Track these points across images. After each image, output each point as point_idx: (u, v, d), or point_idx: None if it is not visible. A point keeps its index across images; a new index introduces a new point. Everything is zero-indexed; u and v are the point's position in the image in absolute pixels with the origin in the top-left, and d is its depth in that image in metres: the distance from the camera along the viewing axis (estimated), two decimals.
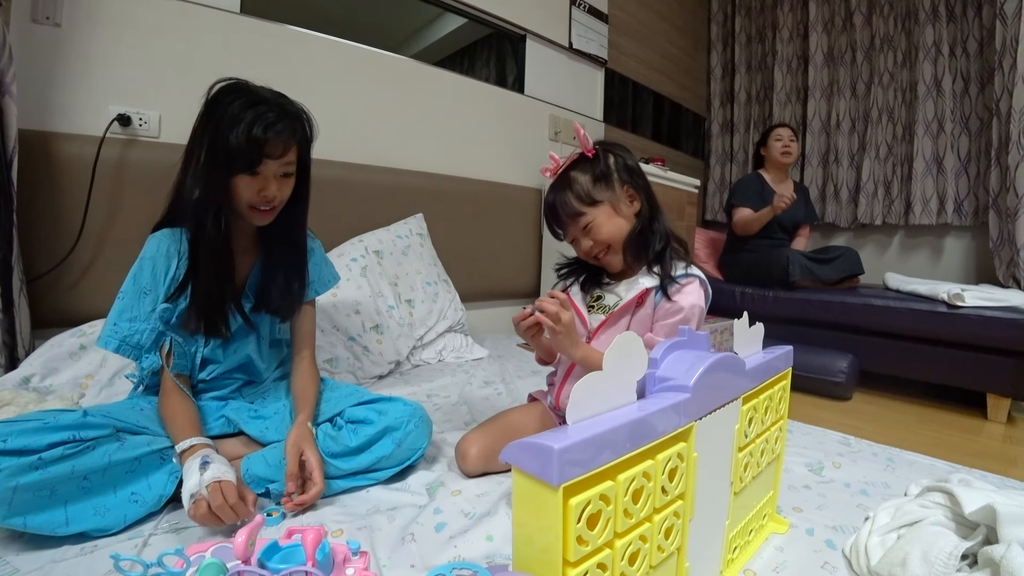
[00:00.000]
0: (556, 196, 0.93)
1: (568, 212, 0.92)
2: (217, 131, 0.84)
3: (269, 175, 0.88)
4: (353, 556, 0.60)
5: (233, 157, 0.84)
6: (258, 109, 0.84)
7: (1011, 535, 0.57)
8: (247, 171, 0.86)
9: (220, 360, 0.98)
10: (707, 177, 3.76)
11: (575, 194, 0.91)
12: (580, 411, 0.46)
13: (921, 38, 2.69)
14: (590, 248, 0.94)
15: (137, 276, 0.91)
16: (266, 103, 0.86)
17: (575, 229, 0.93)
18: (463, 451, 0.95)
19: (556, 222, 0.95)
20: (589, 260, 0.97)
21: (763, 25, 3.41)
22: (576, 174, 0.93)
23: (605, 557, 0.45)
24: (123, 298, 0.90)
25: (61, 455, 0.69)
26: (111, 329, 0.89)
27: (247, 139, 0.83)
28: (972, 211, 2.64)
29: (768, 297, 2.40)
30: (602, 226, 0.92)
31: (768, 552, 0.74)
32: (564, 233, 0.96)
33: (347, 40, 1.78)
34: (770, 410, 0.73)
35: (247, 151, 0.83)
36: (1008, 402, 1.88)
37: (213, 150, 0.84)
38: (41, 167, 1.21)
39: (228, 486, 0.73)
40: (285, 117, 0.87)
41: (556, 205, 0.93)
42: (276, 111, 0.86)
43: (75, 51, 1.27)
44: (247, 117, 0.83)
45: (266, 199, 0.89)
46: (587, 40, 2.64)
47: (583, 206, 0.91)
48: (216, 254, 0.89)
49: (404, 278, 1.72)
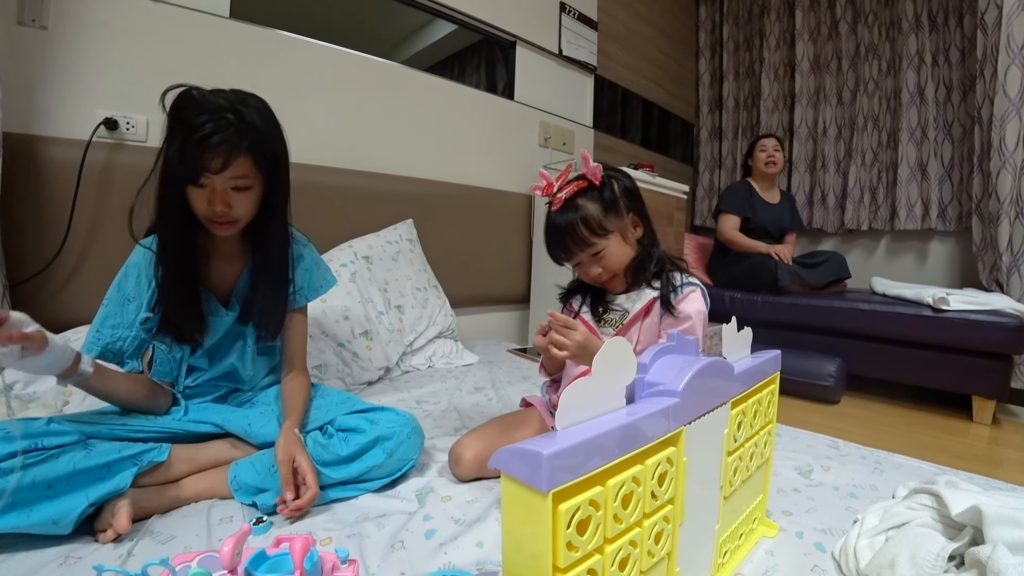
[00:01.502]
0: (565, 224, 0.91)
1: (577, 241, 0.91)
2: (167, 142, 0.82)
3: (217, 188, 0.84)
4: (342, 564, 0.60)
5: (176, 170, 0.82)
6: (198, 120, 0.80)
7: (997, 536, 0.58)
8: (192, 183, 0.83)
9: (205, 368, 0.97)
10: (696, 183, 3.79)
11: (587, 225, 0.91)
12: (569, 416, 0.45)
13: (905, 47, 2.74)
14: (598, 275, 0.95)
15: (122, 283, 0.90)
16: (209, 113, 0.80)
17: (584, 256, 0.93)
18: (457, 455, 0.94)
19: (562, 249, 0.94)
20: (591, 282, 0.98)
21: (751, 33, 3.46)
22: (585, 203, 0.91)
23: (595, 563, 0.45)
24: (107, 305, 0.90)
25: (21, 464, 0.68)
26: (94, 336, 0.88)
27: (181, 153, 0.80)
28: (956, 216, 2.68)
29: (757, 302, 2.42)
30: (613, 255, 0.94)
31: (758, 556, 0.74)
32: (569, 259, 0.95)
33: (337, 45, 1.78)
34: (759, 414, 0.73)
35: (185, 165, 0.81)
36: (993, 404, 1.91)
37: (164, 162, 0.83)
38: (26, 171, 1.19)
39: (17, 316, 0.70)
40: (227, 128, 0.81)
41: (565, 233, 0.92)
42: (217, 123, 0.80)
43: (61, 54, 1.26)
44: (185, 129, 0.80)
45: (215, 213, 0.85)
46: (577, 47, 2.66)
47: (595, 237, 0.91)
48: (176, 263, 0.88)
49: (394, 284, 1.71)
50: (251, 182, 0.87)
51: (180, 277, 0.89)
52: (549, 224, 0.94)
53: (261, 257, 0.97)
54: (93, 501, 0.72)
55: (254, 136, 0.84)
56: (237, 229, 0.90)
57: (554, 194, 0.93)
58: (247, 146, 0.83)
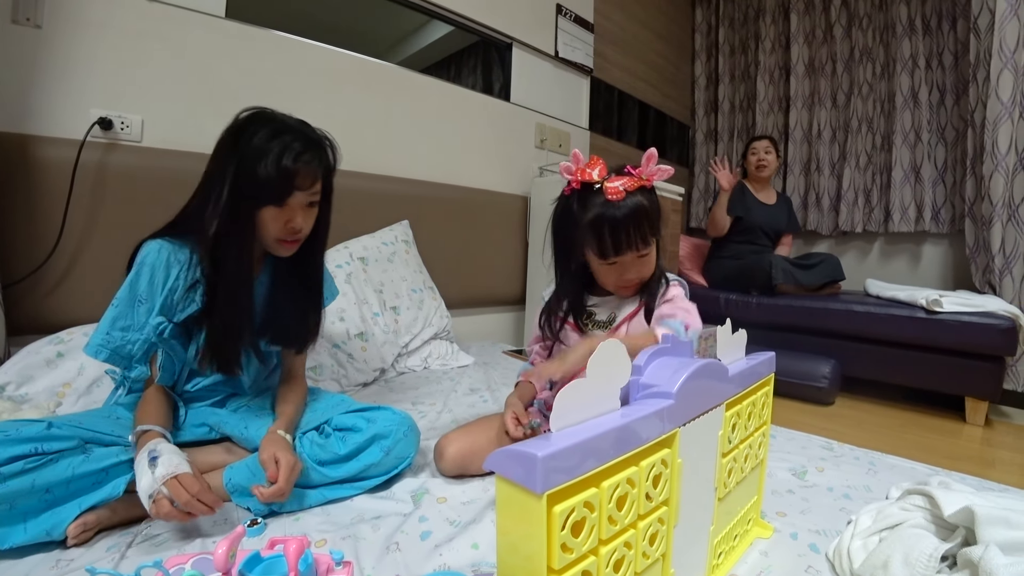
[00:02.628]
0: (631, 214, 0.86)
1: (639, 236, 0.88)
2: (243, 162, 0.82)
3: (296, 206, 0.87)
4: (337, 566, 0.59)
5: (262, 189, 0.83)
6: (284, 139, 0.83)
7: (989, 536, 0.58)
8: (276, 203, 0.84)
9: (206, 374, 0.96)
10: (691, 185, 3.81)
11: (650, 224, 0.89)
12: (564, 418, 0.46)
13: (898, 51, 2.76)
14: (629, 280, 0.93)
15: (134, 284, 0.87)
16: (292, 132, 0.85)
17: (631, 256, 0.90)
18: (440, 449, 0.96)
19: (624, 239, 0.88)
20: (614, 287, 0.96)
21: (746, 36, 3.47)
22: (644, 202, 0.88)
23: (590, 564, 0.45)
24: (117, 305, 0.86)
25: (21, 469, 0.67)
26: (103, 338, 0.85)
27: (277, 170, 0.82)
28: (949, 219, 2.70)
29: (751, 303, 2.43)
30: (651, 263, 0.94)
31: (753, 557, 0.74)
32: (619, 252, 0.89)
33: (333, 46, 1.78)
34: (753, 416, 0.74)
35: (277, 183, 0.82)
36: (986, 405, 1.92)
37: (238, 182, 0.83)
38: (19, 171, 1.18)
39: (186, 478, 0.70)
40: (312, 146, 0.86)
41: (629, 224, 0.87)
42: (303, 140, 0.85)
43: (56, 53, 1.26)
44: (275, 148, 0.82)
45: (293, 231, 0.87)
46: (573, 49, 2.66)
47: (651, 237, 0.91)
48: (237, 292, 0.87)
49: (389, 285, 1.71)
50: (319, 198, 0.91)
51: (236, 306, 0.88)
52: (604, 213, 0.86)
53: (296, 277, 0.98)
54: (85, 509, 0.72)
55: (325, 153, 0.90)
56: (297, 247, 0.92)
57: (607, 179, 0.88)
58: (325, 163, 0.89)
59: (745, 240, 2.60)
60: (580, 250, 0.93)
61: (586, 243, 0.90)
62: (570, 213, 0.92)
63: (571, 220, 0.91)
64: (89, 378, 1.12)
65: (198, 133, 1.43)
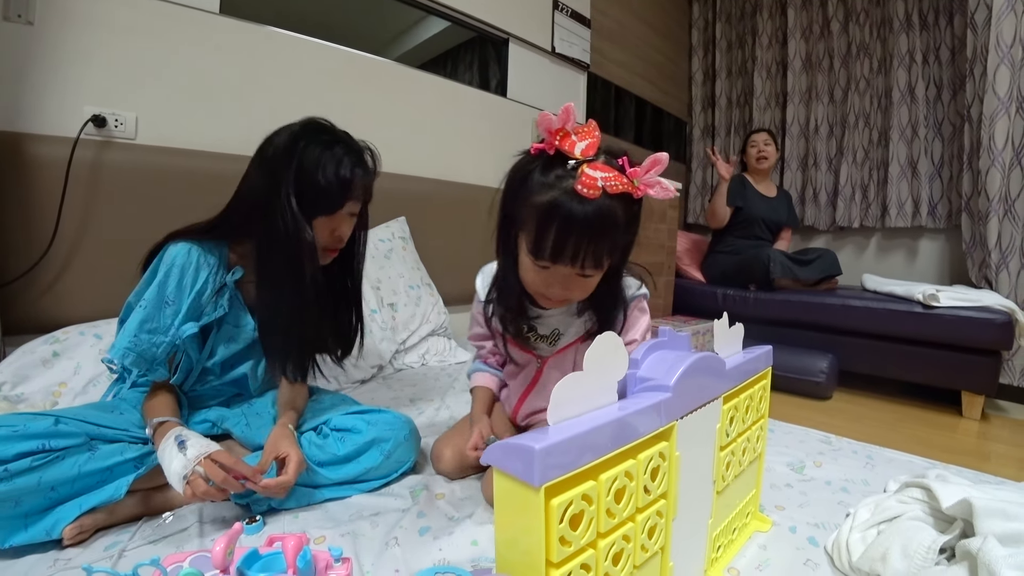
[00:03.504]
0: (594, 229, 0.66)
1: (591, 259, 0.69)
2: (302, 171, 0.82)
3: (344, 215, 0.88)
4: (335, 563, 0.59)
5: (319, 198, 0.83)
6: (339, 149, 0.85)
7: (987, 528, 0.58)
8: (329, 212, 0.85)
9: (217, 373, 0.95)
10: (689, 181, 3.81)
11: (611, 243, 0.70)
12: (561, 411, 0.45)
13: (896, 46, 2.76)
14: (555, 295, 0.75)
15: (163, 285, 0.84)
16: (344, 143, 0.87)
17: (569, 270, 0.71)
18: (438, 452, 0.95)
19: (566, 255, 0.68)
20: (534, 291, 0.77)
21: (743, 31, 3.47)
22: (618, 213, 0.68)
23: (588, 557, 0.45)
24: (145, 307, 0.84)
25: (28, 466, 0.67)
26: (131, 340, 0.82)
27: (337, 180, 0.83)
28: (945, 214, 2.71)
29: (749, 298, 2.43)
30: (589, 289, 0.76)
31: (752, 550, 0.75)
32: (563, 260, 0.69)
33: (329, 42, 1.77)
34: (751, 409, 0.74)
35: (335, 192, 0.83)
36: (982, 399, 1.93)
37: (297, 190, 0.83)
38: (12, 169, 1.17)
39: (220, 455, 0.72)
40: (363, 157, 0.88)
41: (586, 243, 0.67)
42: (356, 151, 0.87)
43: (48, 50, 1.24)
44: (333, 158, 0.83)
45: (340, 239, 0.89)
46: (570, 44, 2.65)
47: (604, 261, 0.71)
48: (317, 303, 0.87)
49: (387, 282, 1.71)
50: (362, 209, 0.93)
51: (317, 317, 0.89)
52: (561, 203, 0.65)
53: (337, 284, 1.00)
54: (85, 511, 0.72)
55: (373, 163, 0.92)
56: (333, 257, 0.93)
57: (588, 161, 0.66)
58: (373, 173, 0.91)
59: (745, 234, 2.61)
60: (516, 231, 0.74)
61: (525, 226, 0.71)
62: (525, 179, 0.70)
63: (523, 187, 0.70)
64: (85, 377, 1.11)
65: (193, 130, 1.42)
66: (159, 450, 0.74)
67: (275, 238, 0.83)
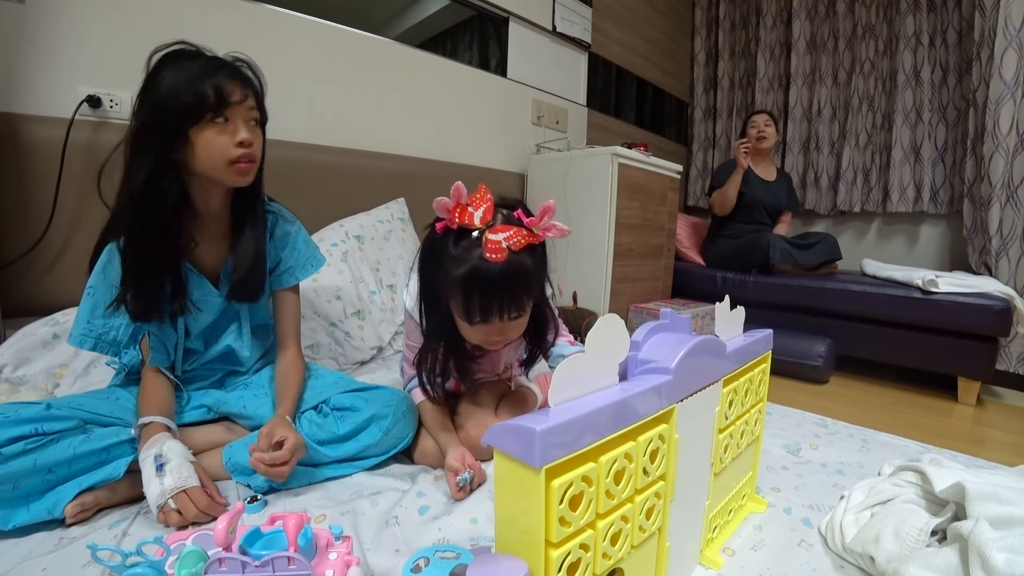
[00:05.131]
0: (513, 284, 0.75)
1: (516, 307, 0.78)
2: (162, 91, 0.77)
3: (238, 121, 0.81)
4: (336, 541, 0.60)
5: (190, 107, 0.77)
6: (202, 58, 0.81)
7: (979, 511, 0.59)
8: (214, 117, 0.79)
9: (201, 350, 0.96)
10: (690, 163, 3.78)
11: (528, 289, 0.78)
12: (562, 393, 0.46)
13: (902, 27, 2.72)
14: (496, 342, 0.83)
15: (106, 269, 0.85)
16: (204, 55, 0.82)
17: (504, 322, 0.79)
18: (423, 450, 0.94)
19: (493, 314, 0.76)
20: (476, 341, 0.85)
21: (747, 11, 3.41)
22: (528, 263, 0.76)
23: (587, 537, 0.45)
24: (92, 294, 0.85)
25: (23, 449, 0.68)
26: (85, 327, 0.85)
27: (201, 84, 0.77)
28: (947, 199, 2.69)
29: (749, 282, 2.43)
30: (523, 326, 0.84)
31: (747, 531, 0.76)
32: (486, 321, 0.77)
33: (327, 20, 1.74)
34: (750, 392, 0.74)
35: (205, 95, 0.77)
36: (978, 385, 1.94)
37: (153, 110, 0.77)
38: (7, 151, 1.16)
39: (195, 492, 0.71)
40: (229, 63, 0.83)
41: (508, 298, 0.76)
42: (219, 58, 0.82)
43: (40, 29, 1.22)
44: (195, 67, 0.78)
45: (243, 145, 0.81)
46: (571, 23, 2.61)
47: (527, 304, 0.80)
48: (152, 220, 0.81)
49: (386, 263, 1.70)
50: (259, 116, 0.86)
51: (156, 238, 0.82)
52: (478, 272, 0.73)
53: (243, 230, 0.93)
54: (85, 488, 0.72)
55: (253, 72, 0.86)
56: (253, 176, 0.87)
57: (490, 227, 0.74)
58: (252, 80, 0.84)
59: (745, 218, 2.60)
60: (445, 300, 0.81)
61: (451, 297, 0.78)
62: (441, 255, 0.77)
63: (440, 264, 0.77)
64: (86, 359, 1.11)
65: None
66: (141, 459, 0.74)
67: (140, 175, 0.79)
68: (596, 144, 2.46)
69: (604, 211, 2.12)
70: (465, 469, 0.82)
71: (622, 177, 2.13)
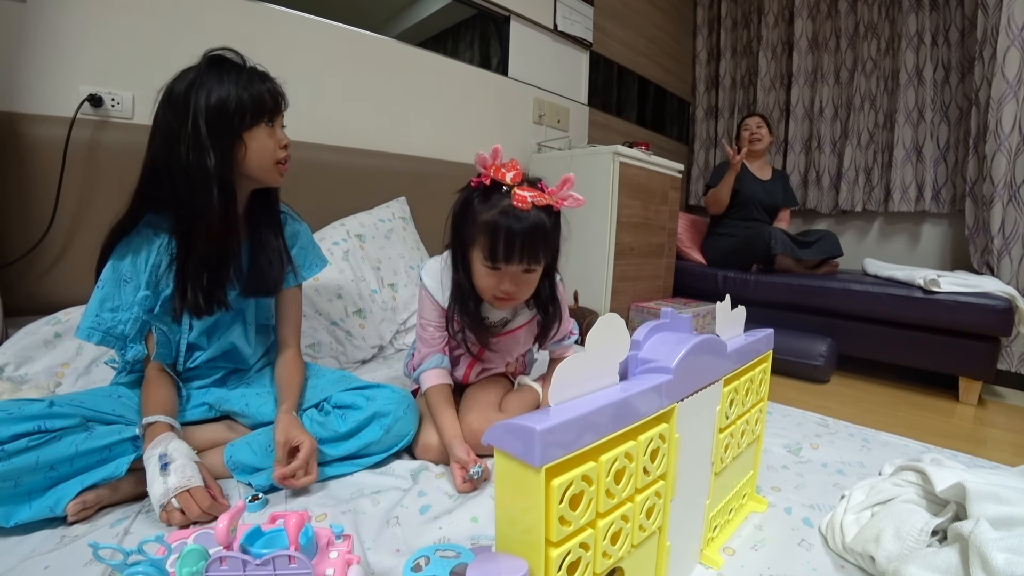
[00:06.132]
0: (533, 228, 0.83)
1: (533, 252, 0.86)
2: (212, 101, 0.81)
3: (279, 124, 0.90)
4: (337, 540, 0.60)
5: (253, 108, 0.84)
6: (248, 67, 0.87)
7: (979, 511, 0.59)
8: (268, 121, 0.87)
9: (205, 347, 0.96)
10: (691, 162, 3.78)
11: (546, 242, 0.87)
12: (562, 392, 0.46)
13: (904, 26, 2.71)
14: (508, 292, 0.89)
15: (116, 264, 0.86)
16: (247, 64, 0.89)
17: (518, 268, 0.87)
18: (426, 444, 0.95)
19: (519, 250, 0.84)
20: (490, 295, 0.92)
21: (749, 10, 3.41)
22: (546, 221, 0.85)
23: (587, 537, 0.45)
24: (103, 287, 0.86)
25: (25, 446, 0.68)
26: (93, 320, 0.85)
27: (261, 88, 0.85)
28: (949, 199, 2.69)
29: (750, 281, 2.43)
30: (533, 284, 0.93)
31: (747, 530, 0.76)
32: (510, 261, 0.85)
33: (328, 19, 1.74)
34: (751, 392, 0.74)
35: (266, 100, 0.85)
36: (979, 385, 1.94)
37: (220, 112, 0.82)
38: (9, 150, 1.16)
39: (198, 492, 0.72)
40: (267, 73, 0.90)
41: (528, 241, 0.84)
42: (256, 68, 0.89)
43: (42, 28, 1.22)
44: (245, 74, 0.85)
45: (286, 147, 0.90)
46: (572, 22, 2.61)
47: (542, 259, 0.88)
48: (223, 230, 0.86)
49: (387, 262, 1.70)
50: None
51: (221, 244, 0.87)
52: (505, 217, 0.83)
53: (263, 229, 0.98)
54: (87, 486, 0.73)
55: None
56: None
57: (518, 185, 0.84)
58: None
59: (741, 216, 2.61)
60: (468, 246, 0.90)
61: (477, 242, 0.87)
62: (470, 206, 0.87)
63: (470, 214, 0.87)
64: (88, 358, 1.12)
65: None
66: (145, 458, 0.75)
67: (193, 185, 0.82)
68: (597, 143, 2.46)
69: (605, 210, 2.12)
70: (475, 463, 0.83)
71: (623, 176, 2.13)
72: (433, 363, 1.00)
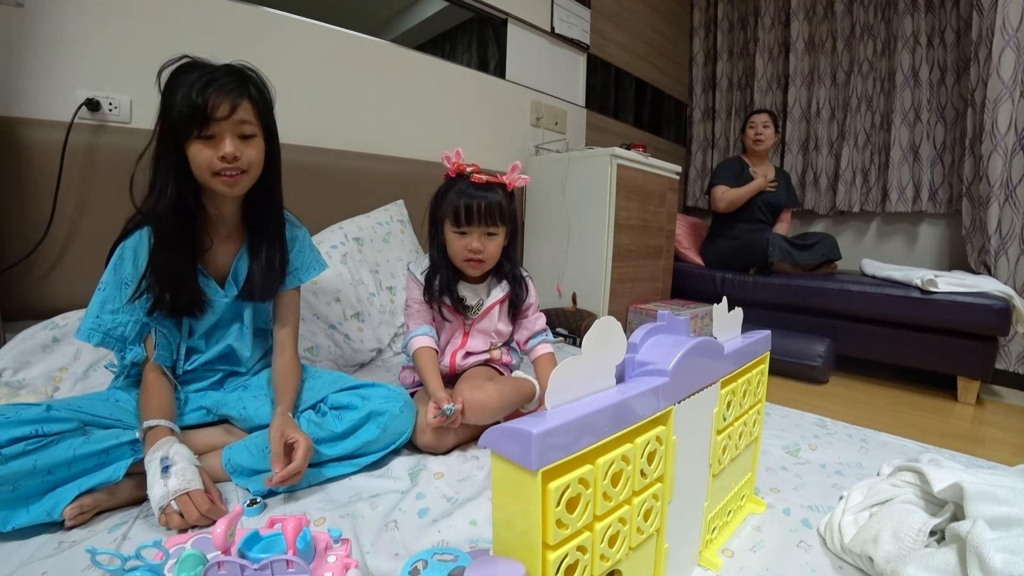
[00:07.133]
0: (489, 196, 1.07)
1: (491, 215, 1.07)
2: (164, 111, 0.83)
3: (224, 135, 0.84)
4: (335, 544, 0.60)
5: (180, 122, 0.82)
6: (198, 72, 0.83)
7: (977, 511, 0.59)
8: (198, 135, 0.83)
9: (203, 350, 0.96)
10: (688, 163, 3.78)
11: (499, 208, 1.08)
12: (559, 395, 0.46)
13: (900, 28, 2.72)
14: (478, 251, 1.08)
15: (118, 266, 0.88)
16: (206, 67, 0.85)
17: (481, 230, 1.08)
18: (422, 426, 0.97)
19: (478, 213, 1.06)
20: (461, 259, 1.10)
21: (745, 12, 3.42)
22: (500, 197, 1.09)
23: (585, 540, 0.46)
24: (104, 289, 0.87)
25: (23, 451, 0.68)
26: (94, 322, 0.86)
27: (189, 100, 0.81)
28: (946, 199, 2.69)
29: (748, 282, 2.44)
30: (497, 246, 1.12)
31: (746, 532, 0.76)
32: (471, 223, 1.06)
33: (326, 23, 1.74)
34: (748, 393, 0.74)
35: (192, 112, 0.81)
36: (977, 385, 1.94)
37: (163, 124, 0.84)
38: (7, 154, 1.16)
39: (197, 495, 0.72)
40: (228, 75, 0.85)
41: (484, 206, 1.06)
42: (217, 71, 0.85)
43: (40, 33, 1.22)
44: (188, 81, 0.82)
45: (225, 159, 0.84)
46: (569, 25, 2.62)
47: (500, 222, 1.09)
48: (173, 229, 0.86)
49: (385, 265, 1.70)
50: (256, 130, 0.89)
51: (176, 244, 0.87)
52: (466, 190, 1.07)
53: (261, 226, 0.98)
54: (85, 491, 0.72)
55: (253, 84, 0.88)
56: (245, 186, 0.90)
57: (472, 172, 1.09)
58: (249, 92, 0.87)
59: (744, 217, 2.60)
60: (442, 224, 1.10)
61: (448, 215, 1.08)
62: (442, 194, 1.11)
63: (441, 199, 1.11)
64: (86, 363, 1.11)
65: None
66: (146, 461, 0.75)
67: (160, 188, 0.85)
68: (595, 145, 2.46)
69: (603, 212, 2.12)
70: (451, 402, 0.93)
71: (621, 178, 2.13)
72: (422, 331, 1.12)
